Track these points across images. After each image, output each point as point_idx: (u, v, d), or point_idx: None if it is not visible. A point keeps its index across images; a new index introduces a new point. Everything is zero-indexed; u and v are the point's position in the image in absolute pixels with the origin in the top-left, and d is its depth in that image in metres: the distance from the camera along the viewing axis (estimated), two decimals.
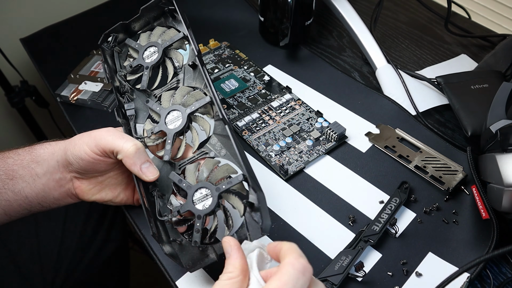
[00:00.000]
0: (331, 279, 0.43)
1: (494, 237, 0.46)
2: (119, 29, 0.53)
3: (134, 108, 0.50)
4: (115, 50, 0.54)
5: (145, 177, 0.43)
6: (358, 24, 0.69)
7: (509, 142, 0.43)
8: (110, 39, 0.53)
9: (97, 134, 0.43)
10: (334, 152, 0.56)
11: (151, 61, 0.50)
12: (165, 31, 0.52)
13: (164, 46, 0.50)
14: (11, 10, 0.86)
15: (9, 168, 0.45)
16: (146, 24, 0.54)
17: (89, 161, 0.43)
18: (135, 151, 0.42)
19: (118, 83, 0.52)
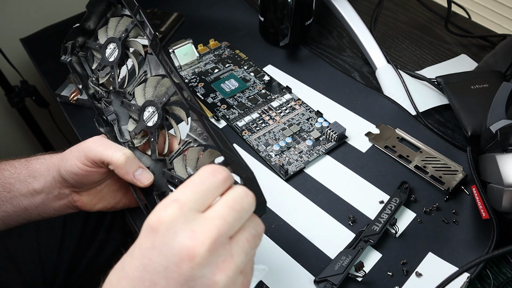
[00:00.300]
0: (331, 279, 0.43)
1: (494, 237, 0.46)
2: (75, 33, 0.50)
3: (114, 112, 0.48)
4: (80, 56, 0.51)
5: (140, 184, 0.42)
6: (358, 24, 0.69)
7: (509, 142, 0.43)
8: (69, 49, 0.50)
9: (85, 147, 0.42)
10: (334, 152, 0.56)
11: (114, 59, 0.47)
12: (119, 21, 0.48)
13: (121, 40, 0.47)
14: (11, 10, 0.86)
15: (6, 182, 0.45)
16: (99, 19, 0.50)
17: (82, 174, 0.42)
18: (125, 160, 0.41)
19: (92, 90, 0.50)
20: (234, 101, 0.63)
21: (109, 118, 0.48)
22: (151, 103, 0.44)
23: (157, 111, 0.43)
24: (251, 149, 0.57)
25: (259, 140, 0.57)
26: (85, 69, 0.51)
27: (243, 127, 0.59)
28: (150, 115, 0.44)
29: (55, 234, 0.64)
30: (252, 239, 0.30)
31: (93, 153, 0.41)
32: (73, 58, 0.50)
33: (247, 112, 0.61)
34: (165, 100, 0.43)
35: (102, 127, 0.47)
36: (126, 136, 0.47)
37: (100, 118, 0.47)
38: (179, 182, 0.41)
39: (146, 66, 0.46)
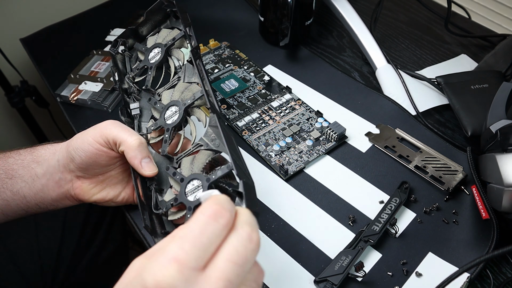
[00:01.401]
0: (331, 279, 0.43)
1: (494, 237, 0.46)
2: (128, 34, 0.55)
3: (139, 107, 0.51)
4: (126, 55, 0.56)
5: (143, 171, 0.43)
6: (358, 24, 0.69)
7: (509, 142, 0.43)
8: (118, 44, 0.55)
9: (103, 125, 0.43)
10: (334, 152, 0.56)
11: (155, 61, 0.52)
12: (170, 32, 0.54)
13: (166, 46, 0.52)
14: (11, 10, 0.86)
15: (9, 168, 0.45)
16: (153, 27, 0.56)
17: (92, 152, 0.43)
18: (138, 144, 0.42)
19: (126, 85, 0.53)
20: (234, 101, 0.63)
21: (133, 112, 0.51)
22: (175, 103, 0.46)
23: (179, 111, 0.46)
24: (251, 149, 0.57)
25: (259, 140, 0.57)
26: (125, 67, 0.56)
27: (243, 127, 0.59)
28: (171, 114, 0.46)
29: (55, 234, 0.64)
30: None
31: (109, 132, 0.43)
32: (118, 56, 0.55)
33: (247, 112, 0.61)
34: (189, 102, 0.45)
35: (124, 117, 0.50)
36: (143, 130, 0.50)
37: (125, 109, 0.51)
38: (179, 179, 0.41)
39: (181, 73, 0.49)
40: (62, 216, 0.65)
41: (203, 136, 0.44)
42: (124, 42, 0.55)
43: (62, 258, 0.63)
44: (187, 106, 0.46)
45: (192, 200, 0.40)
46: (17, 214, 0.47)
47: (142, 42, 0.56)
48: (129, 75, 0.54)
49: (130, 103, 0.51)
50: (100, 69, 0.67)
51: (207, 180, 0.40)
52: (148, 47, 0.54)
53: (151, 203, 0.44)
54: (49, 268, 0.61)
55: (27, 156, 0.46)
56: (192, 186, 0.41)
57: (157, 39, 0.54)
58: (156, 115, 0.49)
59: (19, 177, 0.45)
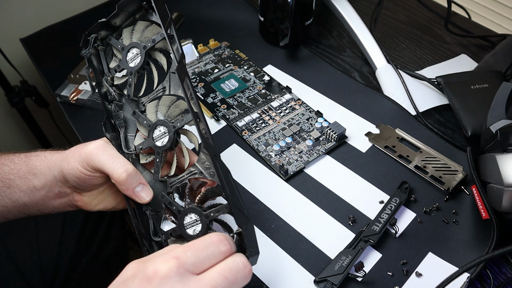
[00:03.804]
0: (331, 279, 0.43)
1: (494, 237, 0.46)
2: (99, 27, 0.48)
3: (123, 118, 0.47)
4: (100, 50, 0.48)
5: (139, 200, 0.42)
6: (358, 24, 0.69)
7: (509, 142, 0.43)
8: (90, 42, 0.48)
9: (87, 152, 0.41)
10: (334, 152, 0.56)
11: (135, 65, 0.46)
12: (147, 26, 0.47)
13: (146, 49, 0.45)
14: (11, 10, 0.86)
15: (6, 177, 0.45)
16: (127, 17, 0.48)
17: (84, 178, 0.42)
18: (126, 178, 0.41)
19: (105, 88, 0.48)
20: (234, 101, 0.63)
21: (117, 123, 0.46)
22: (164, 123, 0.43)
23: (169, 133, 0.42)
24: (251, 149, 0.57)
25: (259, 140, 0.57)
26: (101, 64, 0.49)
27: (243, 127, 0.59)
28: (160, 134, 0.43)
29: (55, 234, 0.64)
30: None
31: (94, 162, 0.41)
32: (91, 51, 0.48)
33: (247, 112, 0.61)
34: (179, 126, 0.42)
35: (108, 133, 0.46)
36: (131, 145, 0.46)
37: (108, 122, 0.46)
38: (176, 210, 0.41)
39: (166, 83, 0.45)
40: (62, 216, 0.65)
41: (197, 163, 0.42)
42: (95, 36, 0.47)
43: (62, 258, 0.63)
44: (177, 129, 0.42)
45: (192, 234, 0.39)
46: (18, 217, 0.47)
47: (117, 32, 0.49)
48: (106, 76, 0.48)
49: (112, 112, 0.47)
50: None
51: (206, 217, 0.39)
52: (124, 43, 0.47)
53: (149, 229, 0.43)
54: (49, 268, 0.61)
55: (23, 167, 0.45)
56: (190, 220, 0.40)
57: (134, 33, 0.47)
58: (143, 132, 0.45)
59: (16, 187, 0.44)
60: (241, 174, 0.54)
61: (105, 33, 0.48)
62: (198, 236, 0.38)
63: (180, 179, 0.43)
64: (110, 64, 0.49)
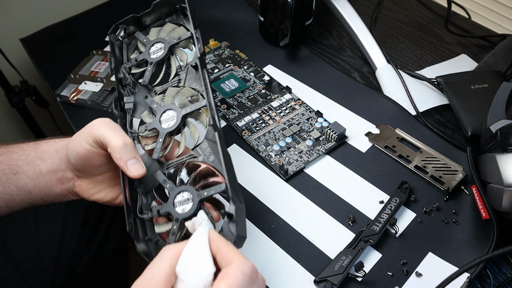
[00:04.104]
0: (331, 279, 0.43)
1: (494, 237, 0.46)
2: (131, 21, 0.52)
3: (133, 102, 0.49)
4: (124, 42, 0.53)
5: (129, 172, 0.42)
6: (358, 24, 0.69)
7: (509, 142, 0.43)
8: (119, 31, 0.52)
9: (91, 125, 0.43)
10: (334, 152, 0.56)
11: (156, 57, 0.50)
12: (175, 28, 0.52)
13: (171, 44, 0.50)
14: (11, 10, 0.86)
15: (14, 163, 0.45)
16: (158, 19, 0.54)
17: (83, 154, 0.42)
18: (122, 145, 0.41)
19: (122, 75, 0.51)
20: (234, 101, 0.63)
21: (126, 106, 0.49)
22: (173, 107, 0.45)
23: (177, 117, 0.44)
24: (251, 149, 0.57)
25: (259, 140, 0.57)
26: (122, 55, 0.53)
27: (243, 127, 0.59)
28: (168, 118, 0.45)
29: (55, 234, 0.64)
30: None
31: (97, 132, 0.42)
32: (116, 42, 0.52)
33: (247, 112, 0.61)
34: (189, 110, 0.44)
35: (117, 110, 0.48)
36: (135, 127, 0.48)
37: (118, 102, 0.49)
38: (169, 188, 0.41)
39: (183, 74, 0.48)
40: (62, 216, 0.65)
41: (198, 149, 0.43)
42: (124, 28, 0.52)
43: (62, 258, 0.63)
44: (186, 114, 0.44)
45: (180, 212, 0.39)
46: (22, 207, 0.47)
47: (144, 31, 0.53)
48: (125, 64, 0.51)
49: (124, 95, 0.50)
50: (100, 69, 0.67)
51: (198, 196, 0.39)
52: (150, 39, 0.51)
53: (137, 206, 0.43)
54: (49, 268, 0.61)
55: (31, 152, 0.46)
56: (181, 198, 0.40)
57: (161, 32, 0.52)
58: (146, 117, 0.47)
59: (23, 173, 0.45)
60: (241, 174, 0.54)
61: (133, 28, 0.53)
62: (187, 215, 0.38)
63: (179, 161, 0.44)
64: (131, 55, 0.52)
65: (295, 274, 0.45)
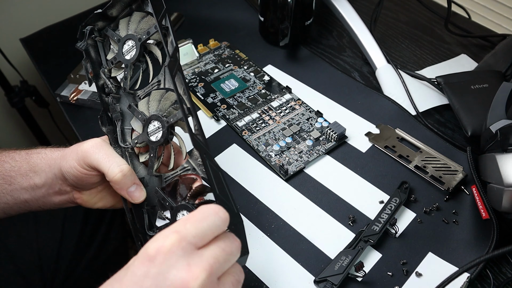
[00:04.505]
0: (331, 279, 0.43)
1: (494, 237, 0.46)
2: (95, 19, 0.47)
3: (120, 111, 0.47)
4: (97, 41, 0.48)
5: (132, 200, 0.42)
6: (358, 24, 0.69)
7: (509, 142, 0.43)
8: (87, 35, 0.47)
9: (83, 150, 0.42)
10: (334, 152, 0.56)
11: (131, 58, 0.45)
12: (143, 17, 0.46)
13: (141, 41, 0.45)
14: (11, 10, 0.86)
15: (7, 174, 0.45)
16: (124, 8, 0.48)
17: (81, 176, 0.42)
18: (121, 178, 0.41)
19: (102, 81, 0.48)
20: (234, 101, 0.63)
21: (114, 116, 0.46)
22: (157, 118, 0.43)
23: (162, 128, 0.42)
24: (251, 149, 0.57)
25: (259, 140, 0.57)
26: (99, 56, 0.49)
27: (243, 127, 0.59)
28: (155, 129, 0.43)
29: (55, 234, 0.64)
30: (236, 284, 0.32)
31: (90, 160, 0.41)
32: (89, 42, 0.47)
33: (247, 112, 0.61)
34: (172, 121, 0.42)
35: (105, 127, 0.46)
36: (127, 138, 0.46)
37: (104, 115, 0.46)
38: (169, 207, 0.41)
39: (161, 76, 0.44)
40: (62, 216, 0.65)
41: (190, 159, 0.42)
42: (92, 29, 0.47)
43: (62, 258, 0.63)
44: (170, 125, 0.42)
45: None
46: (20, 213, 0.47)
47: (114, 23, 0.48)
48: (104, 68, 0.48)
49: (109, 104, 0.47)
50: None
51: None
52: (121, 34, 0.47)
53: (144, 224, 0.43)
54: (49, 268, 0.61)
55: (24, 164, 0.45)
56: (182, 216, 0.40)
57: (130, 24, 0.46)
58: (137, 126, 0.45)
59: (18, 184, 0.44)
60: (241, 174, 0.54)
61: (102, 24, 0.48)
62: None
63: (174, 174, 0.43)
64: (108, 55, 0.48)
65: (295, 274, 0.45)
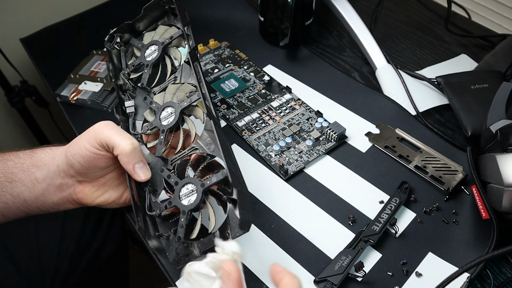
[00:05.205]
0: (331, 279, 0.43)
1: (494, 237, 0.46)
2: (125, 28, 0.54)
3: (134, 105, 0.50)
4: (121, 50, 0.55)
5: (137, 176, 0.43)
6: (358, 24, 0.69)
7: (509, 142, 0.43)
8: (115, 39, 0.54)
9: (96, 128, 0.43)
10: (334, 152, 0.56)
11: (151, 59, 0.51)
12: (167, 30, 0.53)
13: (164, 44, 0.51)
14: (11, 10, 0.86)
15: (9, 171, 0.45)
16: (150, 23, 0.56)
17: (89, 156, 0.43)
18: (131, 150, 0.42)
19: (121, 81, 0.53)
20: (234, 101, 0.63)
21: (128, 110, 0.50)
22: (171, 104, 0.47)
23: (175, 112, 0.46)
24: (251, 149, 0.57)
25: (259, 140, 0.57)
26: (121, 63, 0.55)
27: (243, 127, 0.59)
28: (167, 115, 0.46)
29: (55, 234, 0.64)
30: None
31: (102, 135, 0.42)
32: (114, 51, 0.54)
33: (247, 112, 0.61)
34: (185, 105, 0.45)
35: (119, 114, 0.49)
36: (138, 129, 0.49)
37: (119, 106, 0.50)
38: (174, 182, 0.42)
39: (178, 73, 0.49)
40: (62, 216, 0.65)
41: (199, 140, 0.44)
42: (120, 36, 0.54)
43: (62, 258, 0.63)
44: (183, 108, 0.46)
45: (186, 204, 0.40)
46: (18, 216, 0.47)
47: (139, 37, 0.55)
48: (124, 71, 0.53)
49: (125, 100, 0.51)
50: (100, 69, 0.67)
51: (201, 186, 0.40)
52: (144, 43, 0.53)
53: (145, 204, 0.44)
54: (49, 268, 0.61)
55: (27, 160, 0.45)
56: (186, 190, 0.41)
57: (154, 35, 0.53)
58: (149, 115, 0.49)
59: (19, 181, 0.45)
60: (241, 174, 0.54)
61: (128, 36, 0.55)
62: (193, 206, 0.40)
63: (182, 155, 0.44)
64: (129, 61, 0.54)
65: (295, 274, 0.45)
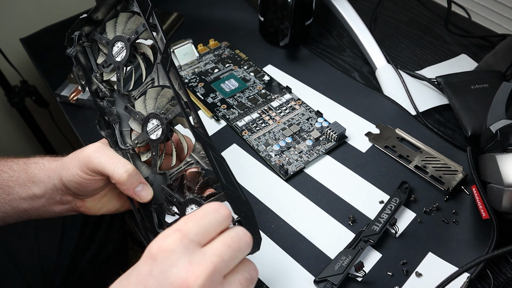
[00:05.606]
0: (331, 279, 0.43)
1: (494, 237, 0.46)
2: (81, 24, 0.47)
3: (116, 114, 0.46)
4: (86, 46, 0.47)
5: (140, 199, 0.42)
6: (358, 24, 0.69)
7: (509, 142, 0.43)
8: (75, 40, 0.47)
9: (85, 156, 0.41)
10: (334, 152, 0.56)
11: (121, 59, 0.45)
12: (130, 17, 0.45)
13: (130, 41, 0.44)
14: (11, 10, 0.86)
15: (5, 184, 0.44)
16: (109, 10, 0.47)
17: (85, 182, 0.42)
18: (127, 178, 0.40)
19: (95, 86, 0.47)
20: (234, 101, 0.63)
21: (111, 119, 0.46)
22: (156, 116, 0.42)
23: (162, 126, 0.42)
24: (251, 149, 0.57)
25: (259, 140, 0.57)
26: (89, 61, 0.48)
27: (243, 127, 0.59)
28: (154, 127, 0.43)
29: (55, 234, 0.64)
30: (245, 283, 0.31)
31: (93, 165, 0.41)
32: (77, 48, 0.47)
33: (247, 112, 0.61)
34: (170, 117, 0.41)
35: (103, 130, 0.46)
36: (127, 140, 0.46)
37: (102, 119, 0.46)
38: (177, 202, 0.41)
39: (154, 74, 0.43)
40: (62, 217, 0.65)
41: (192, 153, 0.42)
42: (80, 34, 0.47)
43: (62, 258, 0.63)
44: (168, 121, 0.42)
45: None
46: (18, 221, 0.47)
47: (100, 27, 0.47)
48: (95, 73, 0.47)
49: (105, 108, 0.46)
50: None
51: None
52: (109, 38, 0.46)
53: (154, 222, 0.43)
54: (49, 268, 0.61)
55: (22, 174, 0.44)
56: (191, 210, 0.40)
57: (117, 27, 0.46)
58: (134, 124, 0.45)
59: (16, 194, 0.44)
60: (241, 174, 0.54)
61: (88, 28, 0.48)
62: None
63: (178, 170, 0.43)
64: (98, 60, 0.48)
65: (295, 274, 0.45)
